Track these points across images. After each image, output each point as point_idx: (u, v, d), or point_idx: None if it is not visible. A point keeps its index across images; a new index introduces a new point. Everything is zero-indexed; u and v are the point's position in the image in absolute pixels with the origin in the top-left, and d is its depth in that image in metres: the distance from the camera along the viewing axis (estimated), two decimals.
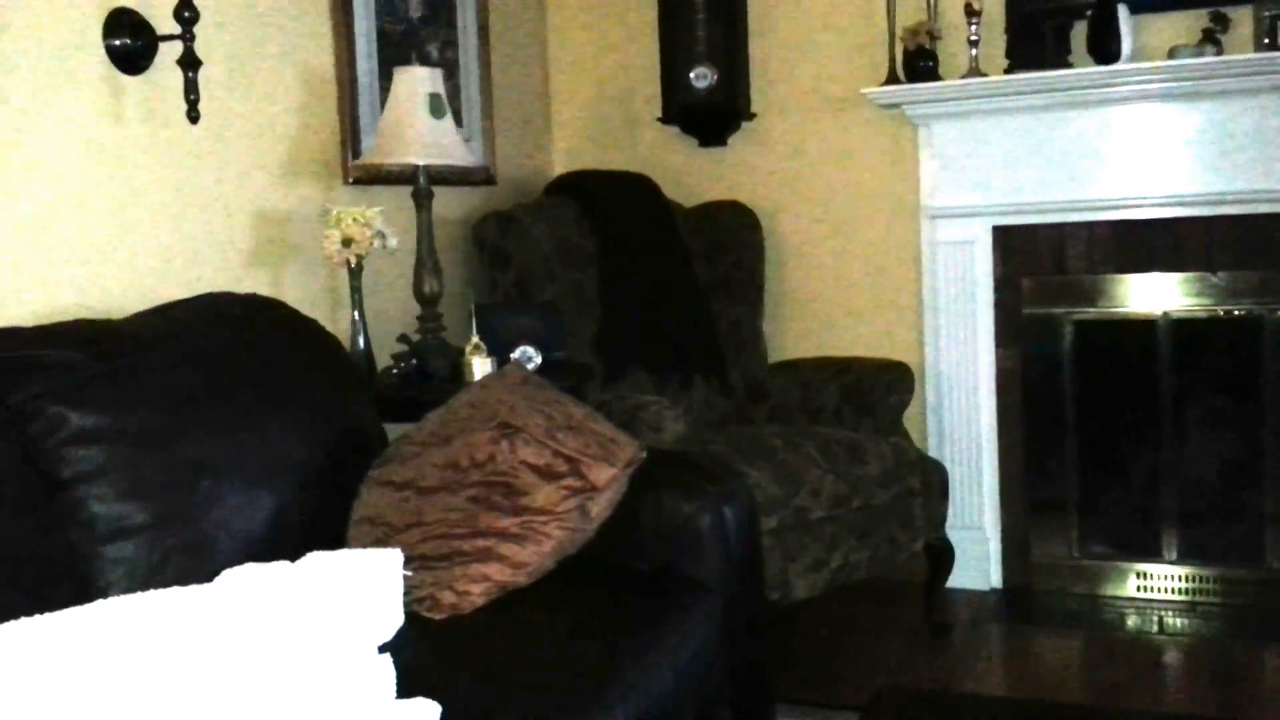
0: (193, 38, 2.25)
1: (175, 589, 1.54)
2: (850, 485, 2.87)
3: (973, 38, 3.33)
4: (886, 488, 2.95)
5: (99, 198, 2.27)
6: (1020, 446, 3.49)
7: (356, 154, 2.94)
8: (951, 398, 3.49)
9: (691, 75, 3.69)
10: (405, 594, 1.69)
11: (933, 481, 3.08)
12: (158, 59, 2.34)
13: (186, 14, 2.23)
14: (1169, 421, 3.35)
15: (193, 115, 2.30)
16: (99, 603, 1.48)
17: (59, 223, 2.18)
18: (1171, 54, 3.14)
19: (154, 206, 2.39)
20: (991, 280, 3.46)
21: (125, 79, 2.31)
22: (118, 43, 2.28)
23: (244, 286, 2.52)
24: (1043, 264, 3.42)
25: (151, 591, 1.50)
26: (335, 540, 2.00)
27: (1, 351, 1.79)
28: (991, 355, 3.48)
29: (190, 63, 2.27)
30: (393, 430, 2.34)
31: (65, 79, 2.19)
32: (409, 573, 1.80)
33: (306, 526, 1.99)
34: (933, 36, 3.38)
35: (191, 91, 2.29)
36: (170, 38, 2.28)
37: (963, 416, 3.49)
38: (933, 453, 3.46)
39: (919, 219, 3.54)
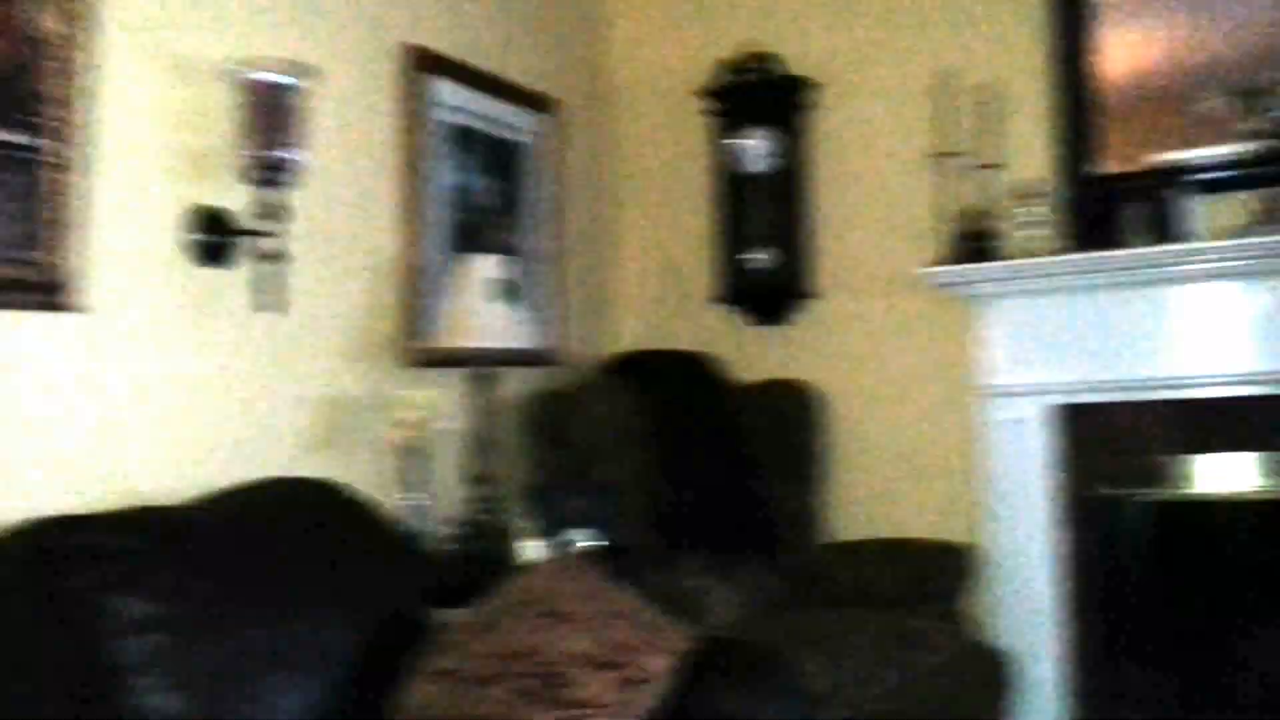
0: (269, 232, 2.39)
1: None
2: (910, 676, 2.77)
3: (1027, 219, 3.37)
4: (948, 678, 2.84)
5: (171, 386, 2.37)
6: (1089, 634, 3.35)
7: (422, 337, 3.03)
8: (1013, 583, 3.38)
9: (750, 256, 3.78)
10: None
11: (997, 672, 2.97)
12: (234, 252, 2.48)
13: (268, 211, 2.37)
14: (1245, 608, 3.20)
15: (264, 305, 2.41)
16: None
17: (132, 410, 2.28)
18: (1231, 234, 3.14)
19: (223, 393, 2.49)
20: (1054, 460, 3.40)
21: (202, 271, 2.44)
22: (197, 237, 2.42)
23: (308, 469, 2.58)
24: (1107, 444, 3.36)
25: None
26: None
27: (65, 539, 1.85)
28: (1055, 537, 3.38)
29: (265, 255, 2.40)
30: (446, 615, 2.33)
31: (149, 271, 2.32)
32: None
33: (351, 718, 1.98)
34: (989, 218, 3.43)
35: (264, 282, 2.40)
36: (250, 233, 2.42)
37: (1026, 603, 3.36)
38: (995, 641, 3.33)
39: (979, 397, 3.52)
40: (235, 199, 2.46)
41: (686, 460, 3.30)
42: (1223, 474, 3.24)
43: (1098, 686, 3.34)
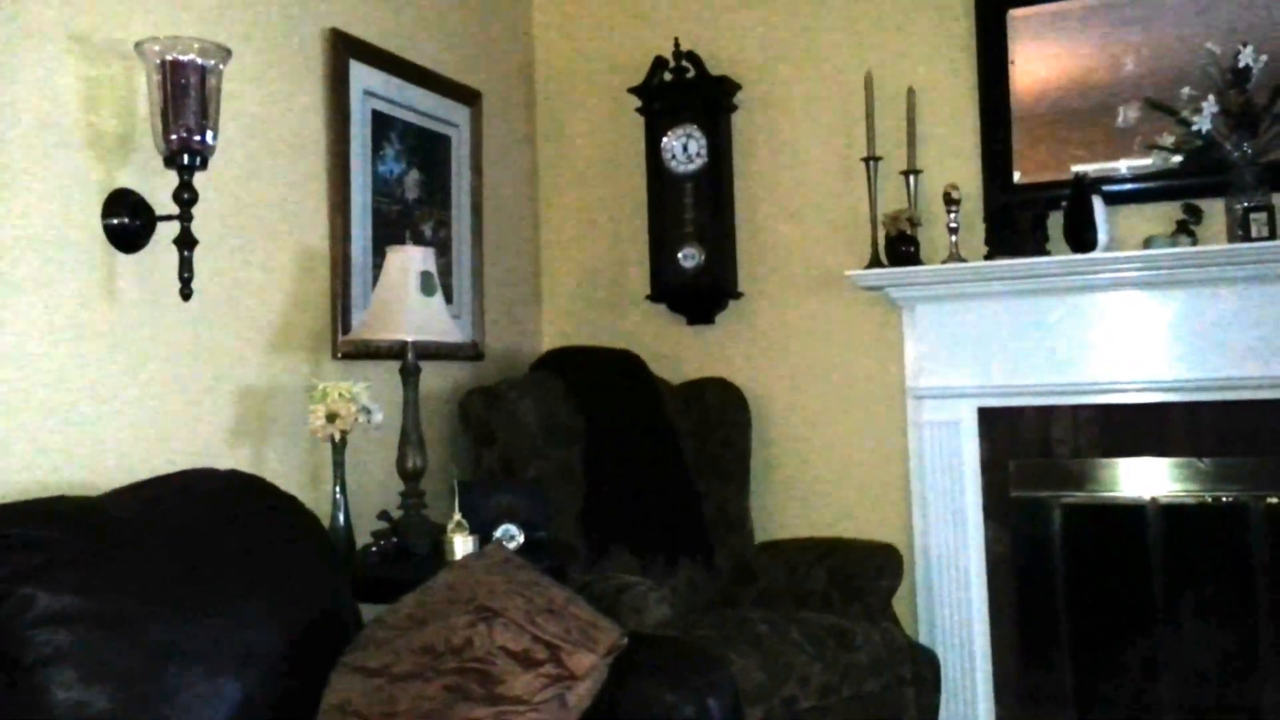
0: (190, 218, 2.30)
1: None
2: (839, 674, 2.79)
3: (952, 225, 3.42)
4: (877, 676, 2.86)
5: (88, 372, 2.27)
6: (1013, 633, 3.41)
7: (346, 330, 2.96)
8: (941, 582, 3.43)
9: (679, 255, 3.78)
10: None
11: (924, 670, 3.00)
12: (154, 238, 2.38)
13: (185, 195, 2.28)
14: (1162, 609, 3.29)
15: (185, 293, 2.32)
16: None
17: (46, 397, 2.18)
18: (1146, 244, 3.22)
19: (142, 382, 2.39)
20: (978, 462, 3.45)
21: (121, 257, 2.35)
22: (115, 222, 2.32)
23: (228, 461, 2.51)
24: (1029, 447, 3.42)
25: None
26: None
27: None
28: (981, 538, 3.43)
29: (186, 242, 2.31)
30: (371, 611, 2.28)
31: (61, 256, 2.22)
32: None
33: (274, 716, 1.91)
34: (913, 223, 3.47)
35: (185, 269, 2.31)
36: (168, 218, 2.33)
37: (953, 601, 3.41)
38: (923, 639, 3.38)
39: (905, 399, 3.56)
40: (154, 183, 2.37)
41: (616, 458, 3.27)
42: (1140, 478, 3.32)
43: (1024, 685, 3.39)
